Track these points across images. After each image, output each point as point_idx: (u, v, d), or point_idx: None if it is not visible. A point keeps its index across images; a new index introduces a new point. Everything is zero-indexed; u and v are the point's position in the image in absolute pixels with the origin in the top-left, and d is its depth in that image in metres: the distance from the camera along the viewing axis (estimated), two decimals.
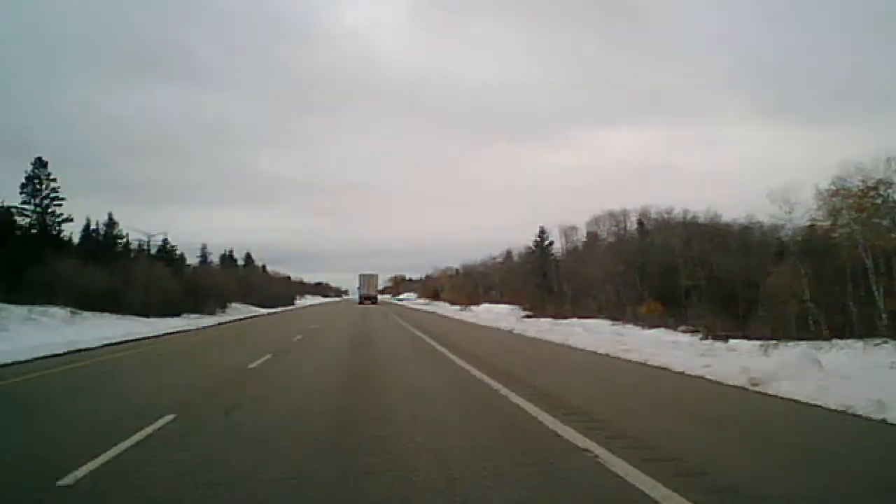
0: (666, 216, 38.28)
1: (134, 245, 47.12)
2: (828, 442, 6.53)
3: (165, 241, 48.19)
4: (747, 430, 7.09)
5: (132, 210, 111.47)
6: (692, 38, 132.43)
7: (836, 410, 7.79)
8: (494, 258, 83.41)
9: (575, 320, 37.28)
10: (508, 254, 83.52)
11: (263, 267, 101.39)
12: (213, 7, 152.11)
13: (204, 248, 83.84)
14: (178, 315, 40.91)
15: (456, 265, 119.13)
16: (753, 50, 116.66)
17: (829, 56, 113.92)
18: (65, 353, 16.55)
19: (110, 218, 40.29)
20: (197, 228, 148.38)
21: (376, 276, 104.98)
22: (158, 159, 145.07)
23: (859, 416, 7.40)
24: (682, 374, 11.81)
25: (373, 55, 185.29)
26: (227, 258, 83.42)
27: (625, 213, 44.39)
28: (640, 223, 38.37)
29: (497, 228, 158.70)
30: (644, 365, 13.36)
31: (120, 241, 41.08)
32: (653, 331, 25.49)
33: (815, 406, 8.14)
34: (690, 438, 6.67)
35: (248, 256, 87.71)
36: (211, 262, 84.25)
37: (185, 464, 5.48)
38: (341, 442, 6.40)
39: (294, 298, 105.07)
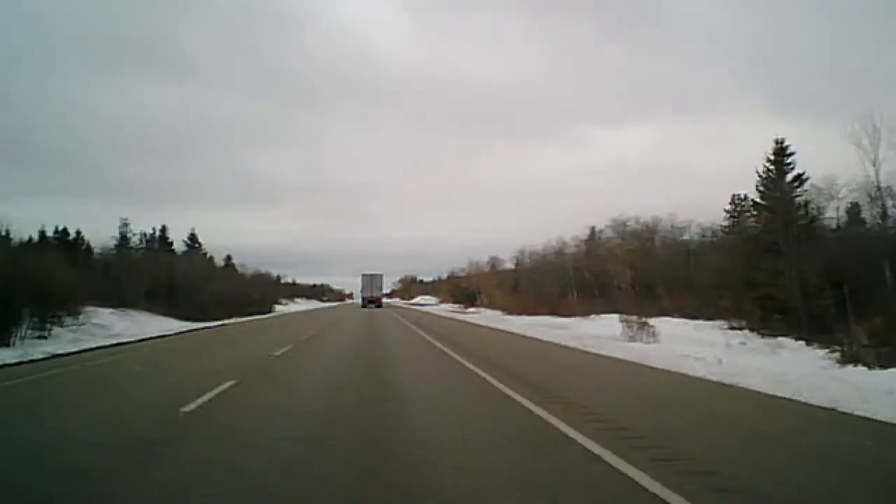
0: None
1: None
2: None
3: None
4: None
5: (128, 212, 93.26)
6: (700, 32, 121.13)
7: None
8: (564, 243, 52.62)
9: None
10: (593, 233, 52.70)
11: (228, 258, 70.99)
12: (205, 2, 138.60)
13: (125, 224, 53.28)
14: None
15: (485, 260, 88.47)
16: (764, 44, 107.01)
17: (841, 51, 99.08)
18: None
19: None
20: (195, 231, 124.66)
21: (381, 276, 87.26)
22: (154, 159, 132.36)
23: None
24: None
25: (371, 51, 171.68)
26: (158, 241, 52.91)
27: None
28: None
29: (507, 229, 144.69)
30: None
31: None
32: None
33: None
34: None
35: (193, 238, 56.91)
36: (134, 247, 53.92)
37: None
38: None
39: (273, 303, 75.11)
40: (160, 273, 42.00)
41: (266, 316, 55.91)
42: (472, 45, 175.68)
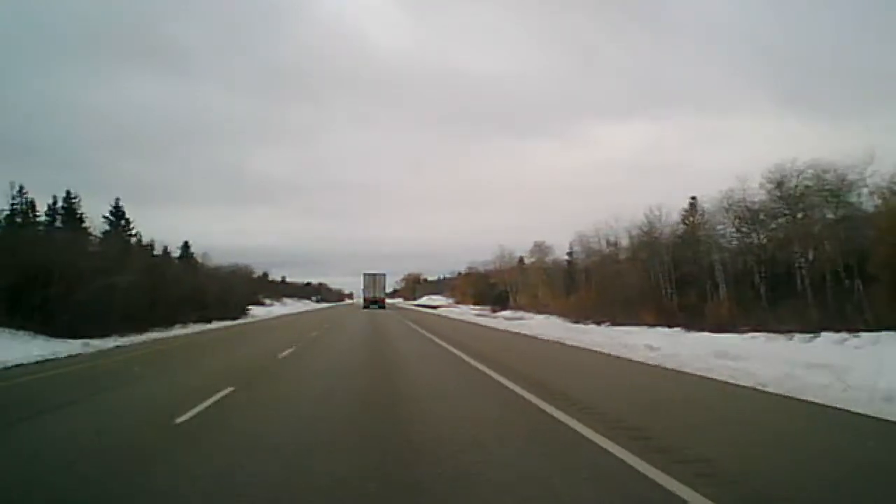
0: None
1: None
2: None
3: None
4: None
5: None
6: (705, 27, 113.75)
7: None
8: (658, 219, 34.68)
9: None
10: (694, 207, 34.83)
11: (186, 246, 53.18)
12: None
13: (19, 192, 35.43)
14: None
15: (521, 251, 70.35)
16: (770, 40, 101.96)
17: (845, 49, 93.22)
18: None
19: None
20: (192, 233, 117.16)
21: (383, 275, 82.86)
22: (144, 156, 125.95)
23: None
24: None
25: (370, 47, 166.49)
26: (63, 215, 35.11)
27: None
28: None
29: (512, 228, 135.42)
30: None
31: None
32: None
33: None
34: None
35: (117, 214, 38.34)
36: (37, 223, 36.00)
37: None
38: None
39: (249, 305, 58.13)
40: (16, 259, 24.21)
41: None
42: (471, 40, 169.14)
